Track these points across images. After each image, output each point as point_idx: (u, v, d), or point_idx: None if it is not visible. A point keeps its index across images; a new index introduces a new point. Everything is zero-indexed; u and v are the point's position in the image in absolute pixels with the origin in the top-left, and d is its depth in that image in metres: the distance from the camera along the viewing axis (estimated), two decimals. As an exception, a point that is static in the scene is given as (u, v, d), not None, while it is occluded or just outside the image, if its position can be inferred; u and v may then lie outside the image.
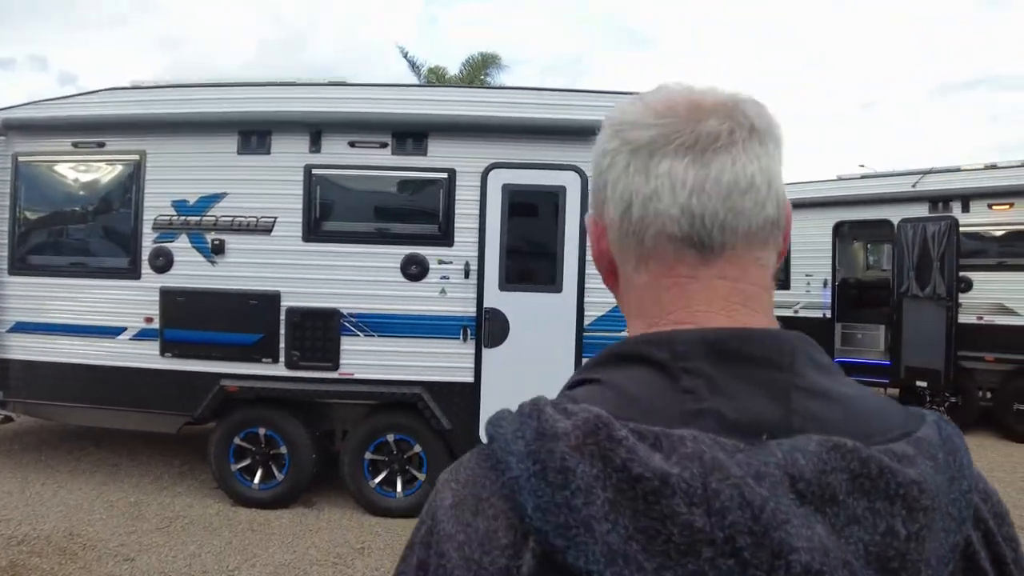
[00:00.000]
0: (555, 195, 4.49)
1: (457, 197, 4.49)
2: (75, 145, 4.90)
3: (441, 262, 4.50)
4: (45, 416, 5.53)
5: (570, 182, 4.47)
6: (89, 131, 4.85)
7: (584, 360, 4.39)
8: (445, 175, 4.50)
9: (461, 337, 4.50)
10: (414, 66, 15.91)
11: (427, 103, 4.57)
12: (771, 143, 0.54)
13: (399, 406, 4.66)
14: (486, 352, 4.51)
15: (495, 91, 4.63)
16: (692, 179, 0.52)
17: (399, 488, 4.72)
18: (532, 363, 4.48)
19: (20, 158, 5.00)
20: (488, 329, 4.48)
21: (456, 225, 4.50)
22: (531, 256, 4.65)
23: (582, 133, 4.44)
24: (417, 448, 4.69)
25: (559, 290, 4.49)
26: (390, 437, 4.69)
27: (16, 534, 4.21)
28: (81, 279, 4.90)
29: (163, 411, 4.89)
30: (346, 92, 4.63)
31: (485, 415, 4.55)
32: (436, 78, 15.23)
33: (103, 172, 4.92)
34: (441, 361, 4.53)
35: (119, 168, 4.86)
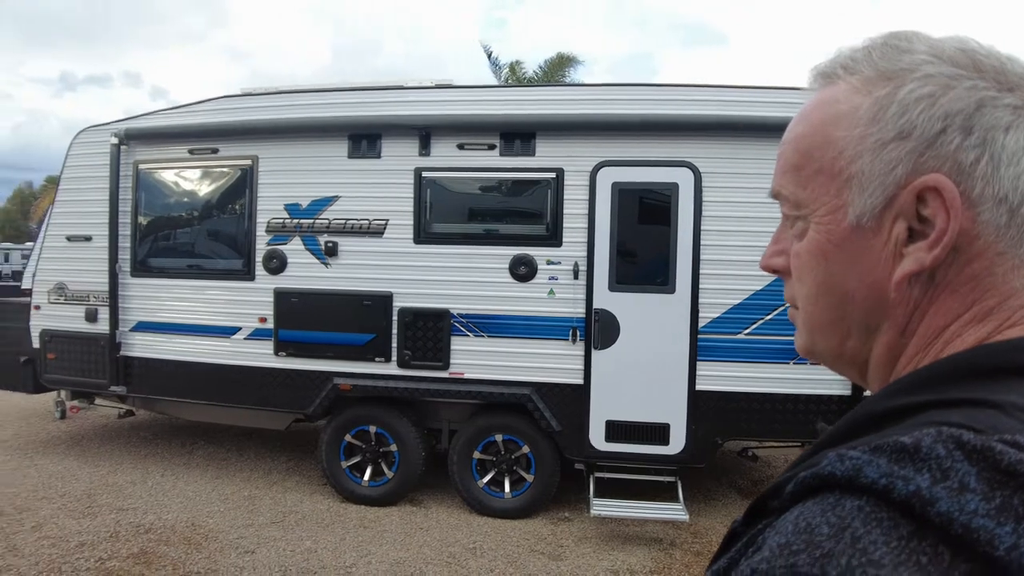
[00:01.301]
0: (667, 193, 4.37)
1: (565, 197, 4.43)
2: (191, 152, 5.07)
3: (550, 262, 4.45)
4: (162, 411, 5.78)
5: (683, 179, 4.34)
6: (203, 138, 5.01)
7: (698, 363, 4.25)
8: (553, 175, 4.45)
9: (570, 338, 4.45)
10: (495, 64, 15.95)
11: (534, 103, 4.51)
12: None
13: (507, 407, 4.65)
14: (596, 354, 4.44)
15: (604, 88, 4.52)
16: None
17: (507, 489, 4.72)
18: (643, 366, 4.41)
19: (140, 166, 5.21)
20: (598, 330, 4.41)
21: (565, 225, 4.44)
22: (643, 256, 4.54)
23: (695, 128, 4.33)
24: (525, 449, 4.67)
25: (672, 291, 4.37)
26: (498, 437, 4.69)
27: (143, 522, 4.42)
28: (198, 280, 5.09)
29: (275, 408, 5.03)
30: (454, 94, 4.62)
31: (595, 417, 4.54)
32: (514, 75, 15.21)
33: (217, 177, 5.08)
34: (550, 362, 4.49)
35: (233, 173, 5.00)
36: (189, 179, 5.17)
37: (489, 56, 16.35)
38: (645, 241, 4.52)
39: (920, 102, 0.47)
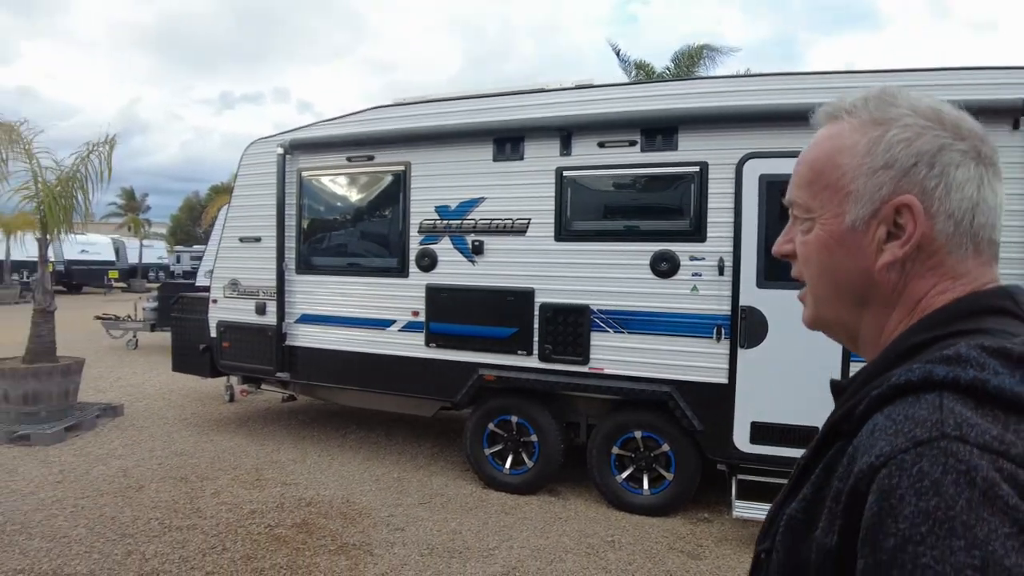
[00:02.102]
0: (818, 186, 4.23)
1: (710, 191, 4.39)
2: (349, 159, 5.52)
3: (693, 258, 4.44)
4: (320, 396, 6.32)
5: (835, 171, 4.19)
6: (360, 146, 5.44)
7: (852, 364, 4.08)
8: (697, 169, 4.44)
9: (714, 336, 4.41)
10: (624, 61, 15.94)
11: (676, 97, 4.51)
12: None
13: (647, 403, 4.68)
14: (741, 352, 4.36)
15: (748, 79, 4.44)
16: (1001, 200, 0.67)
17: (645, 485, 4.75)
18: (793, 366, 4.23)
19: (304, 173, 5.75)
20: (744, 328, 4.34)
21: (709, 220, 4.40)
22: (792, 251, 4.42)
23: None
24: (665, 447, 4.68)
25: (822, 286, 4.23)
26: (637, 434, 4.73)
27: (304, 496, 4.86)
28: (356, 277, 5.53)
29: (424, 396, 5.37)
30: (594, 94, 4.72)
31: (740, 418, 4.48)
32: (644, 73, 15.12)
33: (373, 182, 5.50)
34: (692, 360, 4.46)
35: (387, 178, 5.40)
36: (347, 184, 5.64)
37: (617, 54, 16.31)
38: (793, 235, 4.40)
39: (900, 143, 0.66)
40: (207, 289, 6.50)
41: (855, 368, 4.22)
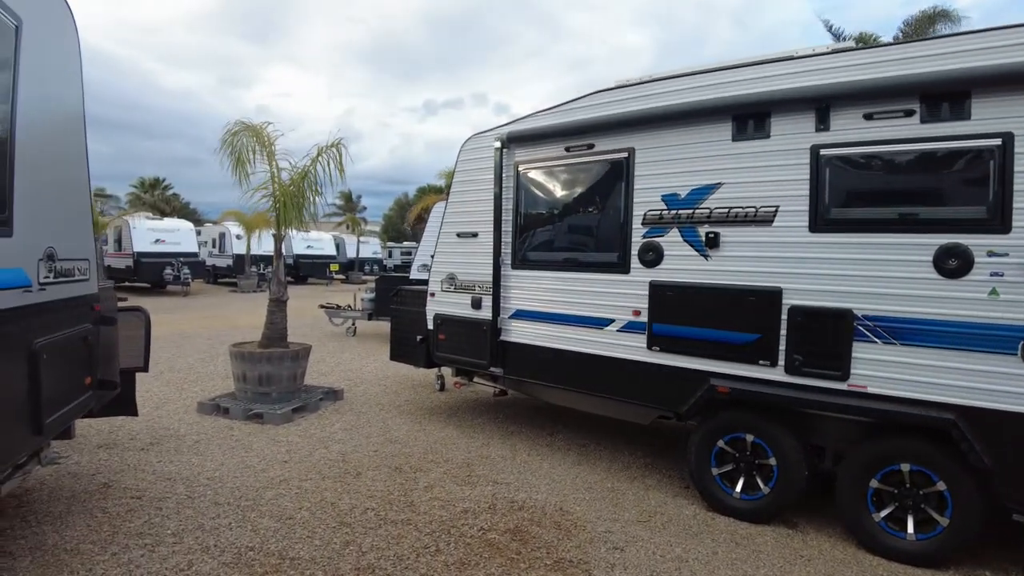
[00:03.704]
0: None
1: (1017, 169, 3.43)
2: (567, 149, 5.28)
3: (992, 254, 3.50)
4: (530, 393, 6.20)
5: None
6: (579, 135, 5.16)
7: None
8: (998, 141, 3.49)
9: (1020, 353, 3.45)
10: (839, 38, 14.36)
11: (966, 55, 3.59)
12: None
13: (918, 431, 3.83)
14: (1059, 374, 3.37)
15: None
16: None
17: (910, 529, 3.90)
18: None
19: (520, 166, 5.63)
20: (1068, 343, 3.34)
21: (1015, 205, 3.44)
22: None
23: None
24: (940, 485, 3.79)
25: None
26: (905, 467, 3.89)
27: (516, 499, 4.67)
28: (572, 273, 5.27)
29: (643, 403, 4.95)
30: (857, 57, 3.93)
31: None
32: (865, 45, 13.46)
33: (593, 172, 5.20)
34: (986, 381, 3.53)
35: (608, 167, 5.06)
36: (566, 176, 5.40)
37: (829, 29, 14.68)
38: None
39: None
40: (422, 282, 6.69)
41: None
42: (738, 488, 4.51)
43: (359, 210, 48.72)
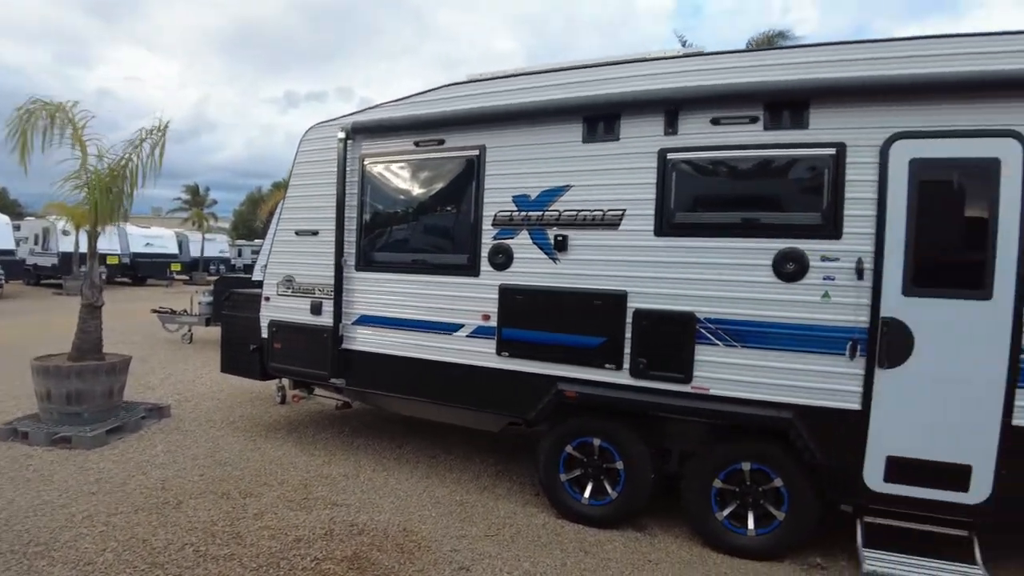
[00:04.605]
0: (986, 171, 3.42)
1: (848, 178, 3.63)
2: (416, 144, 4.96)
3: (825, 259, 3.69)
4: (376, 405, 5.79)
5: (1007, 152, 3.36)
6: (429, 129, 4.86)
7: (1019, 391, 3.26)
8: (832, 151, 3.68)
9: (847, 353, 3.65)
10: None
11: (808, 66, 3.76)
12: None
13: (758, 430, 3.96)
14: (879, 373, 3.60)
15: (899, 44, 3.66)
16: None
17: (751, 525, 4.02)
18: (942, 391, 3.50)
19: (366, 160, 5.22)
20: (885, 345, 3.57)
21: (846, 213, 3.63)
22: (949, 252, 3.59)
23: (1022, 87, 3.34)
24: (777, 482, 3.94)
25: (987, 297, 3.42)
26: (746, 466, 4.00)
27: (357, 522, 4.31)
28: (421, 276, 4.95)
29: (492, 410, 4.75)
30: (707, 62, 3.99)
31: (873, 451, 3.47)
32: None
33: (443, 169, 4.91)
34: (819, 381, 3.71)
35: (458, 164, 4.80)
36: (415, 172, 5.06)
37: (683, 45, 15.66)
38: (953, 234, 3.57)
39: None
40: (261, 284, 6.06)
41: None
42: (587, 494, 4.45)
43: (208, 205, 44.80)
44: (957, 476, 3.51)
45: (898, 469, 3.61)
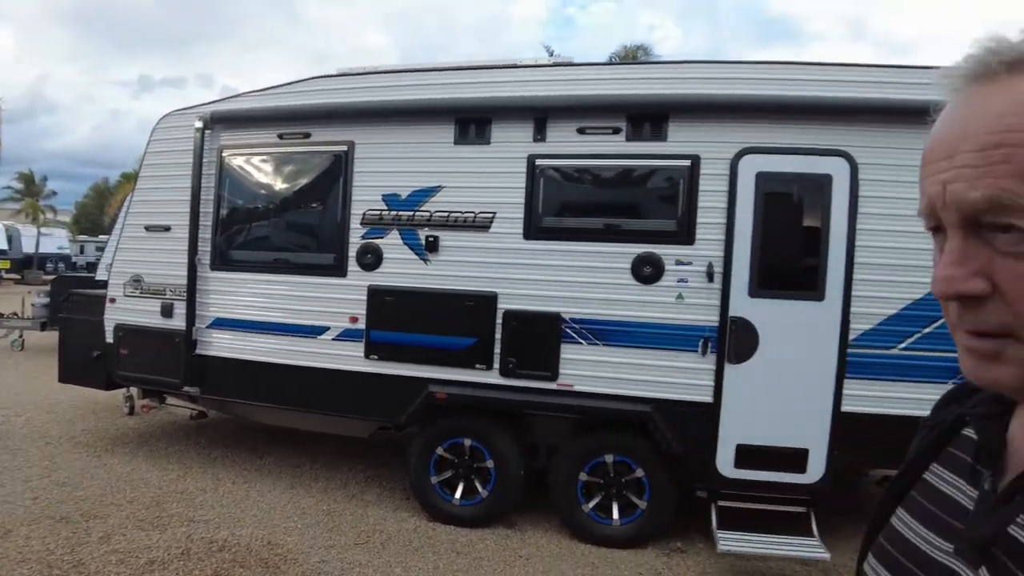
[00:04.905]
0: (820, 185, 3.82)
1: (701, 188, 3.92)
2: (280, 137, 4.72)
3: (679, 263, 3.95)
4: (237, 414, 5.46)
5: (838, 170, 3.79)
6: (295, 122, 4.65)
7: (846, 381, 3.70)
8: (687, 163, 3.94)
9: (700, 350, 3.93)
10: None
11: (667, 82, 4.00)
12: None
13: (620, 424, 4.16)
14: (728, 368, 3.92)
15: (749, 66, 4.00)
16: None
17: (615, 515, 4.22)
18: (783, 383, 3.87)
19: (226, 152, 4.90)
20: (733, 341, 3.89)
21: (698, 220, 3.92)
22: (789, 258, 3.98)
23: (852, 112, 3.78)
24: (639, 472, 4.17)
25: (821, 298, 3.82)
26: (609, 458, 4.20)
27: (217, 538, 4.05)
28: (283, 276, 4.71)
29: (361, 415, 4.65)
30: (575, 73, 4.15)
31: (724, 440, 3.87)
32: None
33: (309, 165, 4.72)
34: (675, 376, 3.98)
35: (325, 160, 4.63)
36: (278, 166, 4.82)
37: (551, 54, 16.16)
38: (792, 241, 3.96)
39: None
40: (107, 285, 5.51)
41: (853, 388, 3.82)
42: (458, 494, 4.46)
43: (45, 195, 39.88)
44: (796, 459, 3.89)
45: (746, 455, 3.94)
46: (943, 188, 0.53)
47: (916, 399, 3.75)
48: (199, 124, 4.87)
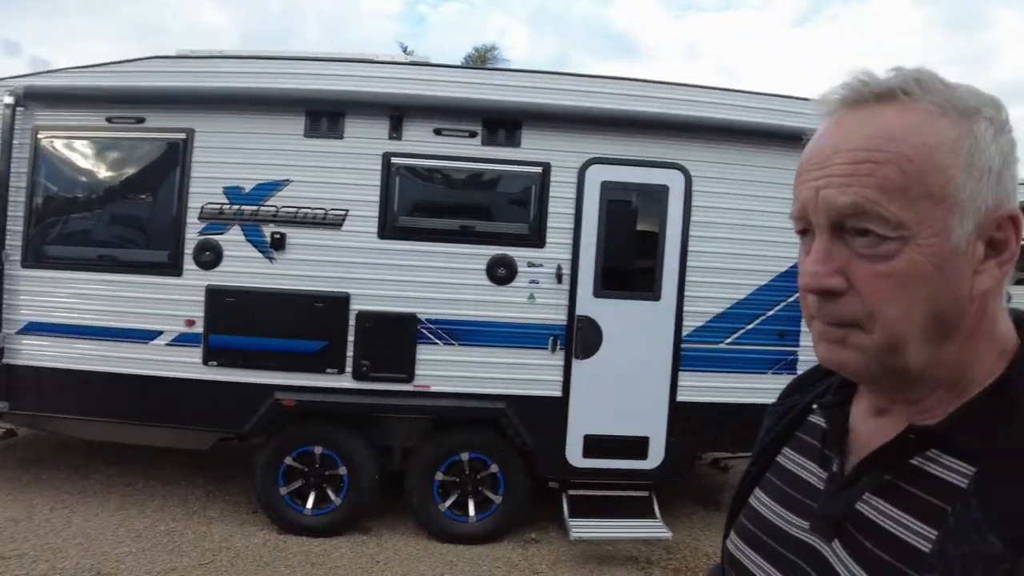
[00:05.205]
0: (658, 195, 4.12)
1: (551, 194, 4.10)
2: (109, 120, 4.28)
3: (531, 265, 4.08)
4: (52, 430, 4.87)
5: (674, 181, 4.12)
6: (126, 104, 4.24)
7: (681, 373, 4.05)
8: (539, 170, 4.09)
9: (550, 347, 4.10)
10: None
11: (521, 90, 4.12)
12: None
13: (474, 422, 4.23)
14: (576, 364, 4.13)
15: (597, 80, 4.21)
16: None
17: (471, 512, 4.28)
18: (625, 376, 4.17)
19: (42, 133, 4.35)
20: (580, 339, 4.09)
21: (549, 225, 4.10)
22: (629, 261, 4.26)
23: (688, 129, 4.14)
24: (493, 468, 4.27)
25: (657, 298, 4.14)
26: (465, 456, 4.25)
27: (34, 575, 3.59)
28: (109, 274, 4.25)
29: (200, 426, 4.34)
30: (432, 73, 4.14)
31: (573, 432, 4.15)
32: None
33: (141, 152, 4.30)
34: (527, 373, 4.13)
35: (160, 148, 4.25)
36: (105, 152, 4.35)
37: (404, 51, 16.14)
38: (632, 245, 4.26)
39: (990, 141, 0.57)
40: None
41: (687, 379, 4.15)
42: (309, 504, 4.29)
43: None
44: (639, 447, 4.20)
45: (593, 445, 4.18)
46: (816, 193, 0.60)
47: (741, 388, 4.20)
48: (9, 100, 4.29)
